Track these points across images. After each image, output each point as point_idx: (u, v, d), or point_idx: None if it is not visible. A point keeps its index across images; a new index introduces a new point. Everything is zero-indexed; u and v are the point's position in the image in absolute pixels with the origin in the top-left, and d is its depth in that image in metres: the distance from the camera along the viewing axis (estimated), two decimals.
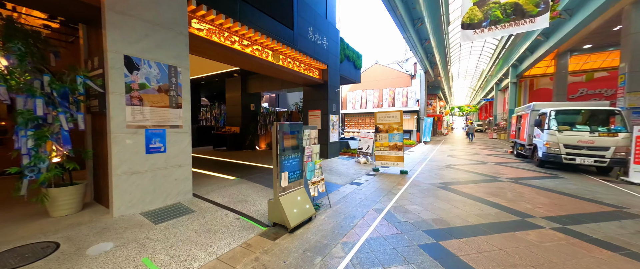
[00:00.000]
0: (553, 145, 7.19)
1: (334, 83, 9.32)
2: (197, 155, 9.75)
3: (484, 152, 12.52)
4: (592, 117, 7.37)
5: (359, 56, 11.84)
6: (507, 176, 6.47)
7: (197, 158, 8.96)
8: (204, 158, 9.12)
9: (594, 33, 14.53)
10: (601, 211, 3.83)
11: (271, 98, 19.47)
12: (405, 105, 19.00)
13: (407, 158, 10.41)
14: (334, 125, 9.48)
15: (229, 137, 11.02)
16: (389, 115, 7.30)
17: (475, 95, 50.46)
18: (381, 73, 20.67)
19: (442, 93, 35.45)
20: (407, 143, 16.02)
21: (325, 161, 8.55)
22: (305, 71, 8.20)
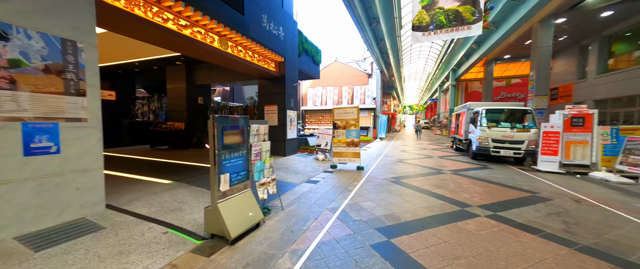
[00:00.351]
0: (484, 139, 8.22)
1: (291, 77, 8.91)
2: (126, 156, 8.21)
3: (430, 147, 13.79)
4: (511, 115, 8.66)
5: (318, 51, 11.65)
6: (449, 169, 7.11)
7: (124, 160, 7.54)
8: (135, 160, 7.73)
9: (511, 45, 17.36)
10: (521, 197, 4.40)
11: (225, 92, 17.92)
12: (363, 103, 19.73)
13: (364, 154, 10.72)
14: (292, 121, 9.09)
15: (171, 134, 9.61)
16: (346, 111, 7.27)
17: (423, 95, 56.05)
18: (341, 70, 21.02)
19: (395, 93, 38.25)
20: (365, 140, 16.66)
21: (283, 159, 8.13)
22: (260, 62, 7.59)
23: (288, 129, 8.72)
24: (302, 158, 8.75)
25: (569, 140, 6.77)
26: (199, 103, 10.56)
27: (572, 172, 6.50)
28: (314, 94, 21.78)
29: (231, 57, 6.35)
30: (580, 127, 6.66)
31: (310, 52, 10.67)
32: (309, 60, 10.92)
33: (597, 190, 4.99)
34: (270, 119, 8.76)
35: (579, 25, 13.73)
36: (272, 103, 8.72)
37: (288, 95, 8.70)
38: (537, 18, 12.30)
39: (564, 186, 5.26)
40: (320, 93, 21.42)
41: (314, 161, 8.30)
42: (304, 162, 7.96)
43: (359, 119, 7.19)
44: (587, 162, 6.61)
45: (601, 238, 2.85)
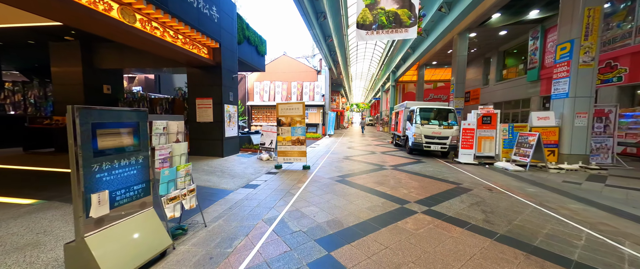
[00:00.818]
0: (418, 136, 9.01)
1: (230, 67, 7.84)
2: None
3: (373, 143, 14.64)
4: (439, 114, 9.79)
5: (262, 41, 10.72)
6: (390, 164, 7.46)
7: None
8: None
9: (438, 53, 20.04)
10: (449, 189, 4.80)
11: (149, 81, 14.87)
12: (312, 99, 19.59)
13: (313, 151, 10.49)
14: (232, 117, 8.06)
15: (57, 133, 7.22)
16: (291, 107, 6.77)
17: (368, 94, 60.37)
18: (289, 65, 20.33)
19: (344, 91, 39.84)
20: (314, 137, 16.55)
21: (219, 161, 7.09)
22: (187, 46, 6.33)
23: (226, 126, 7.67)
24: (244, 158, 7.85)
25: (481, 135, 7.99)
26: (105, 92, 8.31)
27: (482, 162, 7.67)
28: (261, 88, 20.47)
29: (143, 35, 5.00)
30: (488, 125, 7.92)
31: (253, 41, 9.69)
32: (252, 51, 9.92)
33: (501, 178, 5.92)
34: (203, 115, 7.53)
35: (484, 40, 16.68)
36: (206, 95, 7.50)
37: (226, 87, 7.62)
38: (457, 30, 14.30)
39: (478, 175, 6.08)
40: (268, 87, 20.27)
41: (257, 161, 7.54)
42: (245, 163, 7.11)
43: (304, 116, 6.80)
44: (492, 154, 7.92)
45: (511, 224, 3.19)
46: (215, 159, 7.30)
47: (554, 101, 7.63)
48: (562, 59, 7.29)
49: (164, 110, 8.34)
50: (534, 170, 6.76)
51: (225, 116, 7.64)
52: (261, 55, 10.79)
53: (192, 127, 7.65)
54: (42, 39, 7.22)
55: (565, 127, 7.22)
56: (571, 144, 7.14)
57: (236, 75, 8.19)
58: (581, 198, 4.42)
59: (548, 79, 13.60)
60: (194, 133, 7.64)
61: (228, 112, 7.80)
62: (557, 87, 7.48)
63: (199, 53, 6.74)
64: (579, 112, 7.02)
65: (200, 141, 7.58)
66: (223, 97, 7.45)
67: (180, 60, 7.08)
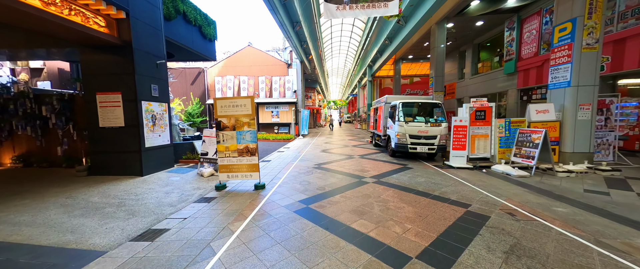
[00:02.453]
0: (402, 135, 7.59)
1: (150, 48, 5.63)
2: None
3: (351, 143, 13.15)
4: (423, 109, 8.49)
5: (209, 22, 8.51)
6: (371, 175, 5.88)
7: None
8: None
9: (414, 46, 19.21)
10: (458, 219, 3.30)
11: (63, 73, 11.52)
12: (283, 96, 17.58)
13: (279, 158, 8.60)
14: (159, 120, 5.87)
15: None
16: (235, 104, 4.83)
17: (345, 91, 59.55)
18: (256, 58, 18.04)
19: (320, 88, 38.20)
20: (285, 138, 14.62)
21: (132, 183, 4.92)
22: (69, 14, 4.05)
23: (147, 132, 5.48)
24: (178, 175, 5.74)
25: (474, 133, 6.77)
26: None
27: (478, 166, 6.46)
28: (224, 84, 17.91)
29: None
30: (482, 121, 6.72)
31: (193, 18, 7.45)
32: (193, 32, 7.69)
33: (510, 189, 4.63)
34: (108, 117, 5.27)
35: (460, 32, 16.02)
36: (112, 89, 5.23)
37: (143, 76, 5.42)
38: (435, 18, 13.25)
39: (482, 187, 4.74)
40: (232, 82, 17.79)
41: (195, 179, 5.48)
42: (172, 184, 5.03)
43: (255, 115, 4.91)
44: (487, 155, 6.76)
45: None
46: (129, 180, 5.10)
47: (552, 91, 6.64)
48: (562, 42, 6.28)
49: (55, 111, 5.83)
50: (540, 174, 5.65)
51: (145, 117, 5.44)
52: (209, 40, 8.57)
53: (92, 134, 5.34)
54: None
55: (566, 121, 6.24)
56: (574, 141, 6.18)
57: (163, 62, 5.98)
58: (632, 221, 3.18)
59: (525, 71, 13.22)
60: (95, 144, 5.34)
61: (150, 111, 5.59)
62: (555, 75, 6.48)
63: (89, 25, 4.47)
64: (583, 104, 6.06)
65: (106, 155, 5.32)
66: (138, 91, 5.24)
67: (68, 38, 4.73)
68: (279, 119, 17.49)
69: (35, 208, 3.80)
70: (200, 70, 18.25)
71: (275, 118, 17.52)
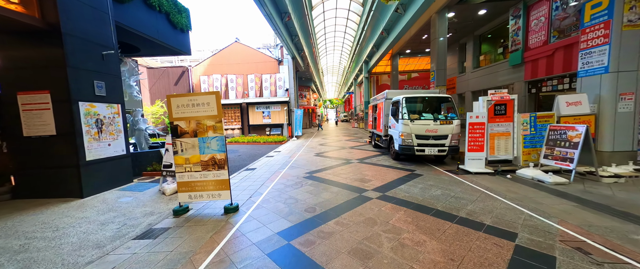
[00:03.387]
0: (407, 136, 6.53)
1: (92, 36, 4.45)
2: None
3: (348, 145, 12.07)
4: (430, 105, 7.44)
5: (181, 9, 7.32)
6: (374, 185, 4.80)
7: None
8: None
9: (412, 39, 18.22)
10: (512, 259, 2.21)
11: None
12: (274, 95, 16.42)
13: (266, 164, 7.46)
14: (108, 125, 4.69)
15: None
16: (195, 101, 3.69)
17: (341, 89, 58.55)
18: (244, 55, 16.83)
19: (315, 86, 37.08)
20: (278, 140, 13.48)
21: (66, 208, 3.74)
22: None
23: (89, 141, 4.30)
24: (133, 193, 4.57)
25: (493, 131, 5.74)
26: None
27: (499, 171, 5.42)
28: (210, 84, 16.67)
29: None
30: (503, 116, 5.69)
31: (157, 4, 6.25)
32: (160, 20, 6.51)
33: (558, 205, 3.59)
34: (35, 123, 4.08)
35: (460, 23, 15.02)
36: (37, 87, 4.04)
37: (78, 71, 4.24)
38: (435, 7, 12.23)
39: (517, 201, 3.70)
40: (219, 82, 16.56)
41: (153, 198, 4.33)
42: (118, 209, 3.87)
43: (222, 117, 3.77)
44: (510, 156, 5.73)
45: None
46: (62, 204, 3.93)
47: (583, 79, 5.63)
48: (596, 20, 5.26)
49: None
50: (580, 180, 4.63)
51: (85, 123, 4.26)
52: (180, 30, 7.37)
53: (14, 146, 4.15)
54: None
55: (604, 114, 5.24)
56: (614, 137, 5.18)
57: (112, 53, 4.78)
58: None
59: (533, 61, 12.25)
60: (19, 158, 4.15)
61: (94, 115, 4.41)
62: (588, 60, 5.47)
63: None
64: (624, 93, 5.06)
65: (34, 172, 4.14)
66: (73, 89, 4.05)
67: None
68: (271, 120, 16.34)
69: None
70: (184, 69, 16.98)
71: (266, 119, 16.37)
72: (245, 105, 16.35)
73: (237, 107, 16.51)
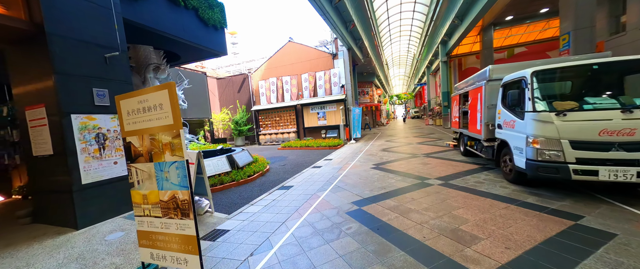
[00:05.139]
0: (549, 143, 3.39)
1: (90, 36, 3.80)
2: None
3: (422, 149, 8.99)
4: (595, 84, 3.85)
5: (213, 4, 6.54)
6: (501, 257, 2.20)
7: None
8: None
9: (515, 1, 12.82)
10: None
11: None
12: (329, 93, 14.78)
13: (309, 179, 5.74)
14: (112, 140, 4.00)
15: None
16: (145, 104, 2.24)
17: (410, 82, 51.86)
18: (298, 54, 15.96)
19: (378, 81, 33.58)
20: (331, 144, 11.72)
21: (46, 245, 3.01)
22: None
23: (85, 161, 3.63)
24: (132, 225, 3.69)
25: None
26: None
27: None
28: (267, 88, 16.63)
29: None
30: None
31: None
32: (187, 17, 5.82)
33: None
34: (38, 140, 3.67)
35: None
36: (37, 101, 3.59)
37: (69, 77, 3.59)
38: None
39: None
40: (275, 85, 16.31)
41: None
42: (90, 254, 2.91)
43: (180, 127, 2.18)
44: None
45: None
46: (49, 239, 3.30)
47: None
48: None
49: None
50: None
51: (81, 138, 3.60)
52: (213, 28, 6.61)
53: (29, 167, 3.89)
54: None
55: None
56: None
57: (116, 54, 4.10)
58: None
59: None
60: (32, 180, 3.86)
61: (93, 129, 3.74)
62: None
63: None
64: None
65: (44, 195, 3.75)
66: (62, 99, 3.41)
67: None
68: (326, 121, 14.79)
69: None
70: (245, 76, 17.70)
71: (322, 120, 14.92)
72: (299, 106, 15.44)
73: (292, 109, 15.79)
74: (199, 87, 15.63)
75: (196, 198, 4.22)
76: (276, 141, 16.03)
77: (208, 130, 16.44)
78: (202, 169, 3.92)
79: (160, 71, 6.46)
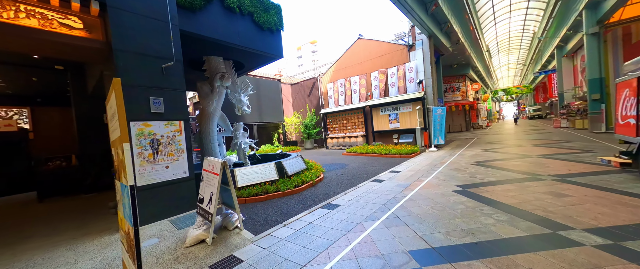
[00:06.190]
0: None
1: (149, 48, 4.18)
2: None
3: (551, 165, 5.83)
4: None
5: (268, 6, 6.45)
6: None
7: None
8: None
9: None
10: None
11: None
12: (402, 91, 12.62)
13: (364, 196, 4.60)
14: (165, 145, 4.28)
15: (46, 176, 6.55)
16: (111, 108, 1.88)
17: (527, 71, 39.34)
18: (367, 50, 14.59)
19: (475, 73, 26.95)
20: (405, 152, 9.78)
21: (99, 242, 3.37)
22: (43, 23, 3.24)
23: (141, 164, 3.96)
24: (173, 231, 3.75)
25: None
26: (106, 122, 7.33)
27: None
28: (335, 90, 16.06)
29: None
30: None
31: (236, 5, 5.60)
32: (242, 23, 5.87)
33: None
34: None
35: None
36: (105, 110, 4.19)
37: (132, 88, 3.98)
38: None
39: None
40: (343, 86, 15.54)
41: (174, 246, 3.18)
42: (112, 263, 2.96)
43: (127, 140, 1.65)
44: None
45: None
46: (111, 236, 3.68)
47: None
48: None
49: None
50: None
51: (138, 144, 3.94)
52: (269, 31, 6.49)
53: None
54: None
55: None
56: None
57: (173, 64, 4.36)
58: None
59: None
60: None
61: (149, 135, 4.07)
62: None
63: (63, 30, 3.51)
64: None
65: None
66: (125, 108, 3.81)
67: (42, 49, 4.24)
68: (399, 124, 12.64)
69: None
70: (314, 80, 17.89)
71: (393, 123, 12.90)
72: (368, 108, 14.01)
73: (360, 112, 14.54)
74: (274, 93, 16.96)
75: (228, 210, 3.92)
76: (343, 146, 15.24)
77: (281, 133, 17.60)
78: (229, 179, 3.52)
79: (224, 79, 6.91)
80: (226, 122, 7.72)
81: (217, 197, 3.39)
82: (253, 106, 15.39)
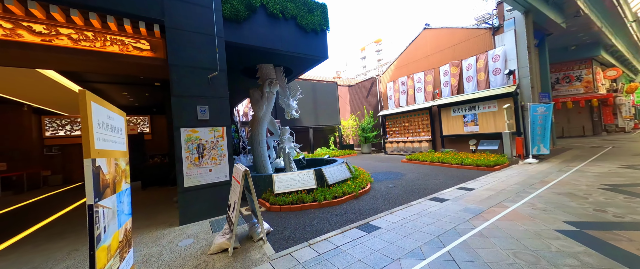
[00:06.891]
0: None
1: (199, 61, 4.61)
2: None
3: None
4: None
5: (312, 7, 6.24)
6: None
7: None
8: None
9: None
10: None
11: None
12: (484, 87, 10.04)
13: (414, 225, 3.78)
14: (209, 150, 4.61)
15: (147, 170, 8.31)
16: (111, 119, 1.85)
17: None
18: (436, 41, 12.45)
19: (610, 55, 19.13)
20: (485, 163, 7.67)
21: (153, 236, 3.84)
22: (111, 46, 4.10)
23: (188, 167, 4.35)
24: (207, 233, 3.94)
25: None
26: None
27: None
28: (396, 89, 14.43)
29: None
30: None
31: (278, 10, 5.58)
32: (285, 27, 5.81)
33: None
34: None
35: None
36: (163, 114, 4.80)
37: (181, 99, 4.43)
38: None
39: None
40: (405, 85, 13.81)
41: (199, 251, 3.30)
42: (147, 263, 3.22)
43: (126, 156, 1.51)
44: None
45: None
46: (153, 232, 4.14)
47: None
48: None
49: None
50: None
51: (186, 148, 4.34)
52: (313, 32, 6.21)
53: None
54: None
55: None
56: None
57: (219, 73, 4.64)
58: None
59: None
60: None
61: (195, 140, 4.43)
62: None
63: (131, 52, 4.24)
64: None
65: None
66: (175, 116, 4.26)
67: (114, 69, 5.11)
68: (478, 127, 10.07)
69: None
70: (372, 80, 16.70)
71: (470, 126, 10.40)
72: (435, 108, 11.90)
73: (426, 113, 12.50)
74: (330, 95, 16.83)
75: (255, 219, 3.79)
76: (404, 151, 13.53)
77: (337, 136, 17.27)
78: (251, 188, 3.36)
79: (273, 84, 7.10)
80: (275, 127, 7.95)
81: (239, 206, 3.27)
82: (309, 109, 15.72)
